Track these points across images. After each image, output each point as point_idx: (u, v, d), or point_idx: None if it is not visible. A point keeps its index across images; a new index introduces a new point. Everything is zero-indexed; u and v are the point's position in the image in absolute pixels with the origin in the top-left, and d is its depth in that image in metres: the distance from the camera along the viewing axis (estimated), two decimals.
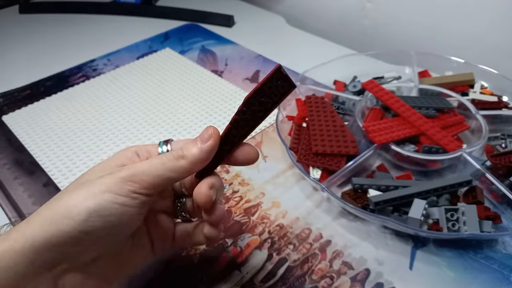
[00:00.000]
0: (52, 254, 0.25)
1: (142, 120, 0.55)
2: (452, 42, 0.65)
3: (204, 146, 0.27)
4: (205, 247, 0.38)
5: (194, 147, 0.27)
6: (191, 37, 0.76)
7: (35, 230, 0.24)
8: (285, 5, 0.87)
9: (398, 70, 0.59)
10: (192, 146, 0.28)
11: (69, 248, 0.25)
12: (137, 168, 0.26)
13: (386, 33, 0.73)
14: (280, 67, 0.27)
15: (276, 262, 0.37)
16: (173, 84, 0.62)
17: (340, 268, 0.37)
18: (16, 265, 0.24)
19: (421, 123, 0.45)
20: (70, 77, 0.65)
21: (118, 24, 0.82)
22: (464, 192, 0.41)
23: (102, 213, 0.25)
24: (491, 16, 0.60)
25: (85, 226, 0.24)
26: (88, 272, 0.27)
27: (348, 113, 0.52)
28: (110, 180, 0.26)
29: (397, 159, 0.45)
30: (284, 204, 0.43)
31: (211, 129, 0.28)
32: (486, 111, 0.49)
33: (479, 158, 0.44)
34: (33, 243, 0.24)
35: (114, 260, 0.28)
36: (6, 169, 0.49)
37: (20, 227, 0.25)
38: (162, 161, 0.27)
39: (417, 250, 0.38)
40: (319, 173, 0.43)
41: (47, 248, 0.24)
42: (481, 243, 0.38)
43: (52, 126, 0.55)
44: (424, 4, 0.66)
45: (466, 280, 0.36)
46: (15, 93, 0.62)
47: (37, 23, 0.83)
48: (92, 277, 0.27)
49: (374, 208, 0.38)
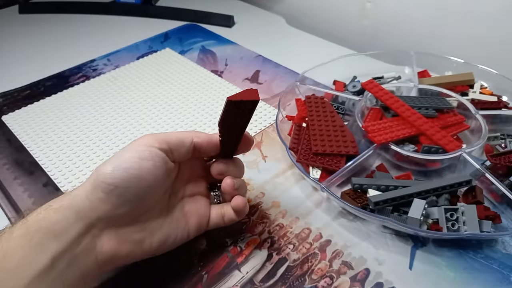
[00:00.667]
0: (89, 211, 0.29)
1: (142, 120, 0.55)
2: (452, 42, 0.65)
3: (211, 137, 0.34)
4: (205, 247, 0.39)
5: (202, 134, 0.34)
6: (191, 37, 0.76)
7: (80, 189, 0.30)
8: (285, 5, 0.87)
9: (398, 70, 0.59)
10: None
11: (102, 204, 0.29)
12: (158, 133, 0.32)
13: (386, 33, 0.73)
14: (229, 101, 0.30)
15: (276, 262, 0.37)
16: (173, 84, 0.62)
17: (340, 268, 0.37)
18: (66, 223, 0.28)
19: (420, 123, 0.45)
20: (70, 77, 0.65)
21: (118, 24, 0.82)
22: (464, 192, 0.41)
23: (124, 165, 0.29)
24: (491, 16, 0.60)
25: (111, 178, 0.29)
26: (123, 236, 0.31)
27: (347, 113, 0.52)
28: (134, 142, 0.31)
29: (397, 159, 0.45)
30: (284, 204, 0.43)
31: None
32: (486, 111, 0.49)
33: (479, 158, 0.45)
34: (78, 200, 0.29)
35: (146, 229, 0.32)
36: (6, 169, 0.49)
37: (70, 191, 0.30)
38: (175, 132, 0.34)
39: (416, 250, 0.38)
40: (319, 173, 0.43)
41: (86, 204, 0.29)
42: (481, 243, 0.39)
43: (52, 126, 0.55)
44: (424, 4, 0.66)
45: (466, 280, 0.36)
46: (15, 93, 0.62)
47: (37, 23, 0.83)
48: (128, 243, 0.31)
49: (374, 208, 0.38)
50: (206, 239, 0.39)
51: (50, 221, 0.28)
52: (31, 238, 0.27)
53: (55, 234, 0.27)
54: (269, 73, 0.65)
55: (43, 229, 0.27)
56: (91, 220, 0.29)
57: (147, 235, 0.32)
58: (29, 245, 0.26)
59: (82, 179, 0.46)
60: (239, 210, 0.36)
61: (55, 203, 0.29)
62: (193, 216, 0.35)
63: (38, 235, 0.27)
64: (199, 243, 0.39)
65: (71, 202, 0.29)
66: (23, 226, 0.27)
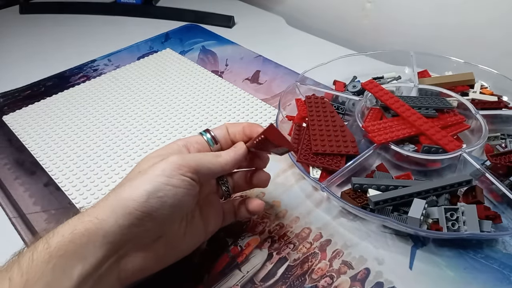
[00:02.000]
0: (119, 235, 0.28)
1: (143, 121, 0.55)
2: (452, 42, 0.65)
3: (236, 155, 0.34)
4: (206, 247, 0.39)
5: (229, 152, 0.34)
6: (191, 37, 0.76)
7: (106, 214, 0.28)
8: (285, 5, 0.87)
9: (398, 70, 0.59)
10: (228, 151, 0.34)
11: (133, 229, 0.28)
12: (186, 156, 0.31)
13: (386, 33, 0.73)
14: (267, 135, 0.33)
15: (276, 262, 0.37)
16: (173, 85, 0.63)
17: (340, 267, 0.37)
18: (93, 246, 0.27)
19: (420, 123, 0.45)
20: (71, 77, 0.65)
21: (118, 24, 0.82)
22: (464, 192, 0.41)
23: (158, 194, 0.29)
24: (490, 15, 0.60)
25: (146, 207, 0.28)
26: (148, 253, 0.31)
27: (348, 113, 0.52)
28: (163, 165, 0.30)
29: (397, 159, 0.45)
30: (284, 204, 0.43)
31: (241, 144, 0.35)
32: (486, 111, 0.49)
33: (479, 158, 0.45)
34: (105, 225, 0.28)
35: (169, 242, 0.32)
36: (7, 169, 0.49)
37: (90, 212, 0.28)
38: (206, 155, 0.33)
39: (417, 250, 0.38)
40: (319, 172, 0.43)
41: (116, 229, 0.28)
42: (481, 243, 0.39)
43: (52, 126, 0.55)
44: (424, 4, 0.66)
45: (466, 280, 0.36)
46: (16, 93, 0.62)
47: (37, 23, 0.83)
48: (151, 258, 0.31)
49: (374, 208, 0.38)
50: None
51: (75, 245, 0.27)
52: (55, 263, 0.26)
53: (81, 258, 0.27)
54: (269, 73, 0.65)
55: (68, 253, 0.27)
56: (120, 243, 0.28)
57: (170, 249, 0.33)
58: (52, 271, 0.26)
59: (83, 178, 0.46)
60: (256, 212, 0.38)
61: (79, 225, 0.28)
62: (210, 218, 0.36)
63: (63, 260, 0.26)
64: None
65: (98, 227, 0.28)
66: (46, 251, 0.26)
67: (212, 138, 0.35)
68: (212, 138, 0.35)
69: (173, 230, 0.32)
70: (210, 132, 0.35)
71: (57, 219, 0.42)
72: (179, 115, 0.56)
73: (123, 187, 0.29)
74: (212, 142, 0.35)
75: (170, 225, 0.32)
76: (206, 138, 0.35)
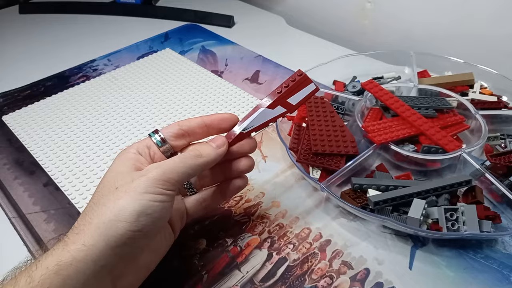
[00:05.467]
0: (112, 257, 0.27)
1: (142, 121, 0.55)
2: (452, 42, 0.65)
3: (219, 151, 0.33)
4: (205, 247, 0.39)
5: (210, 149, 0.33)
6: (191, 37, 0.76)
7: (94, 238, 0.27)
8: (285, 5, 0.87)
9: (398, 70, 0.59)
10: (208, 148, 0.33)
11: (125, 248, 0.28)
12: (164, 168, 0.30)
13: (386, 33, 0.73)
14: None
15: (276, 262, 0.37)
16: (173, 85, 0.63)
17: (340, 267, 0.37)
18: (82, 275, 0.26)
19: (420, 123, 0.45)
20: (70, 77, 0.65)
21: (118, 24, 0.82)
22: (464, 192, 0.41)
23: (147, 212, 0.28)
24: (491, 16, 0.60)
25: (137, 226, 0.28)
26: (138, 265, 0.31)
27: (347, 113, 0.52)
28: (145, 182, 0.29)
29: (397, 159, 0.45)
30: (284, 204, 0.43)
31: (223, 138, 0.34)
32: (486, 111, 0.49)
33: (479, 158, 0.45)
34: (95, 250, 0.27)
35: (153, 249, 0.33)
36: (6, 169, 0.49)
37: (75, 240, 0.27)
38: (184, 160, 0.31)
39: (416, 250, 0.38)
40: (319, 173, 0.43)
41: (108, 252, 0.27)
42: (480, 243, 0.39)
43: (52, 126, 0.55)
44: (424, 4, 0.66)
45: (465, 280, 0.36)
46: (15, 93, 0.62)
47: (37, 23, 0.83)
48: (142, 269, 0.32)
49: (374, 208, 0.38)
50: (206, 239, 0.39)
51: (62, 277, 0.25)
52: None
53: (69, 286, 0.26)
54: (269, 73, 0.65)
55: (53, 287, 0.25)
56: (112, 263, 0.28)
57: (154, 256, 0.33)
58: None
59: (82, 178, 0.46)
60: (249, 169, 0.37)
61: (65, 255, 0.26)
62: (175, 218, 0.35)
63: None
64: (199, 243, 0.39)
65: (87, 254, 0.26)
66: (28, 286, 0.25)
67: (161, 140, 0.34)
68: (161, 139, 0.34)
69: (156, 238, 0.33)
70: (158, 132, 0.34)
71: (56, 219, 0.42)
72: (179, 115, 0.56)
73: (105, 208, 0.28)
74: (160, 143, 0.33)
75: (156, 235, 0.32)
76: (155, 140, 0.34)
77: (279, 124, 0.48)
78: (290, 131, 0.49)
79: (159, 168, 0.30)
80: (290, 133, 0.49)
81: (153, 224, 0.29)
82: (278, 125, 0.47)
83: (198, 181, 0.37)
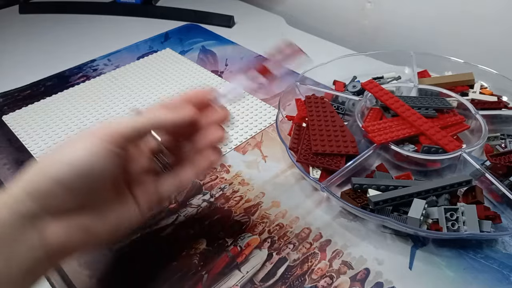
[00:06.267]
0: (33, 203, 0.27)
1: None
2: (452, 42, 0.65)
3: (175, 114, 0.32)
4: (205, 247, 0.39)
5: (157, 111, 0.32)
6: (191, 37, 0.76)
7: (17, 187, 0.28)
8: (285, 5, 0.87)
9: (398, 70, 0.59)
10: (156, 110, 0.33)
11: (48, 200, 0.27)
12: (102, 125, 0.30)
13: (386, 33, 0.73)
14: None
15: (276, 262, 0.37)
16: (173, 85, 0.63)
17: (340, 267, 0.37)
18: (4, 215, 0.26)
19: (420, 123, 0.45)
20: (70, 77, 0.65)
21: (118, 24, 0.82)
22: (464, 192, 0.41)
23: (75, 163, 0.28)
24: (491, 16, 0.60)
25: (61, 174, 0.27)
26: (72, 224, 0.29)
27: (347, 113, 0.52)
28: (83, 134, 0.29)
29: (397, 159, 0.45)
30: (284, 204, 0.43)
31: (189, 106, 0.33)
32: (486, 111, 0.49)
33: (479, 158, 0.45)
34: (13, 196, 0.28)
35: (97, 214, 0.30)
36: (6, 169, 0.49)
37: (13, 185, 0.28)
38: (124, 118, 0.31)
39: (416, 250, 0.38)
40: (319, 173, 0.43)
41: (28, 198, 0.27)
42: (481, 243, 0.39)
43: (52, 126, 0.55)
44: (424, 4, 0.66)
45: (465, 280, 0.36)
46: (15, 93, 0.62)
47: (37, 23, 0.83)
48: (77, 230, 0.29)
49: (374, 208, 0.38)
50: (206, 239, 0.39)
51: None
52: None
53: None
54: None
55: None
56: (32, 214, 0.27)
57: (97, 221, 0.30)
58: None
59: None
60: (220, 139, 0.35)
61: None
62: (142, 197, 0.33)
63: None
64: (199, 243, 0.39)
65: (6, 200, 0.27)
66: None
67: None
68: None
69: (98, 201, 0.30)
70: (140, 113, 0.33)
71: None
72: None
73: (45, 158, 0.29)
74: None
75: (91, 196, 0.30)
76: None
77: (279, 124, 0.48)
78: (290, 131, 0.49)
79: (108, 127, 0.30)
80: (290, 133, 0.49)
81: (79, 177, 0.28)
82: (278, 125, 0.47)
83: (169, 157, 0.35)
